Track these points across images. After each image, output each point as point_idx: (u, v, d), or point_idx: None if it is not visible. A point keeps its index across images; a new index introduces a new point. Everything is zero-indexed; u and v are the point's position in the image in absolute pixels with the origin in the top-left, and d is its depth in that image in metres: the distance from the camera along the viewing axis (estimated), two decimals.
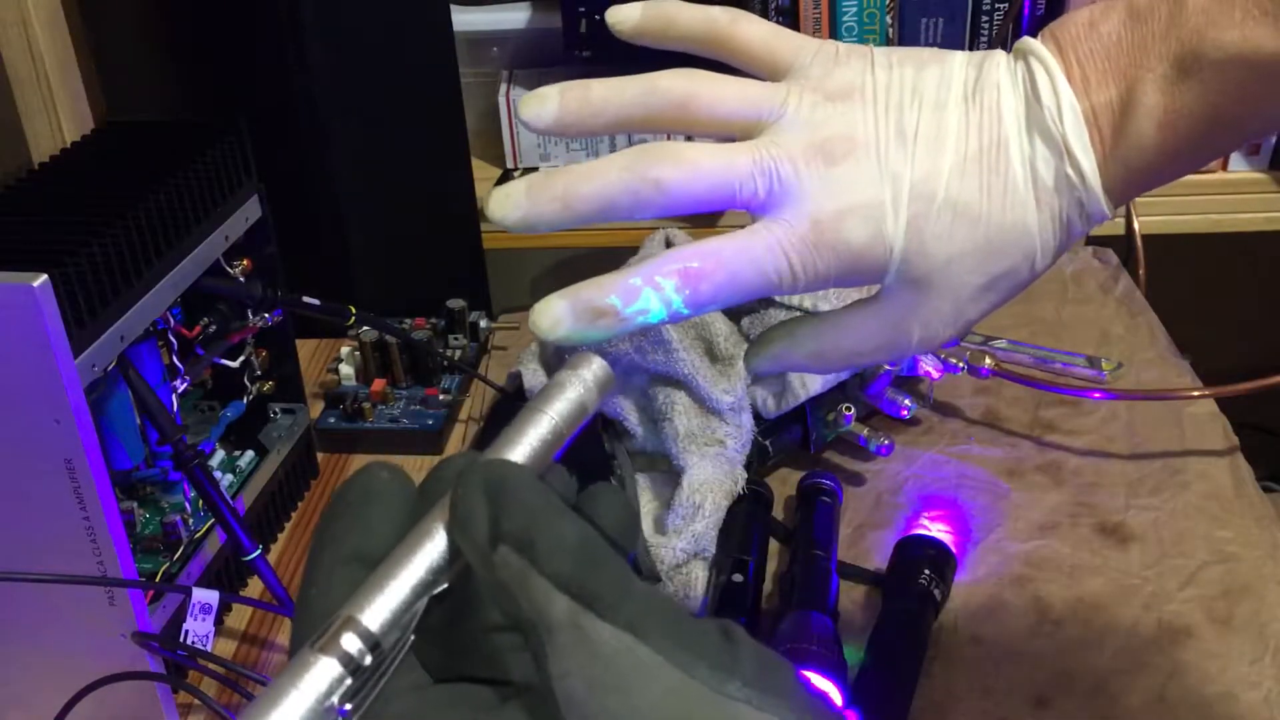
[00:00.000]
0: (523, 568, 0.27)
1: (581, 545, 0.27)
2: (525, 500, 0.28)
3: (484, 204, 0.41)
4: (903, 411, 0.79)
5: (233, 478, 0.74)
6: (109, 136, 0.72)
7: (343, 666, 0.28)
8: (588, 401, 0.32)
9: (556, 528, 0.28)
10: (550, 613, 0.27)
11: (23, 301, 0.51)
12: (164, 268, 0.63)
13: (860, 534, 0.75)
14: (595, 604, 0.27)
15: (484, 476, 0.28)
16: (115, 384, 0.63)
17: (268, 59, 0.93)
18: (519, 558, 0.27)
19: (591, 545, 0.28)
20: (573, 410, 0.32)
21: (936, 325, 0.43)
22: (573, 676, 0.27)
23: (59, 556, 0.57)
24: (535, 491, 0.28)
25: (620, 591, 0.27)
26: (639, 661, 0.26)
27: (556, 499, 0.29)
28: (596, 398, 0.33)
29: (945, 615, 0.68)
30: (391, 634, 0.28)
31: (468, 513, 0.28)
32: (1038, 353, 0.90)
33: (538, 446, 0.31)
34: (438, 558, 0.29)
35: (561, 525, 0.28)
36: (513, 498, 0.28)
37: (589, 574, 0.27)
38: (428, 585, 0.29)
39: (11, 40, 0.83)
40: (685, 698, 0.26)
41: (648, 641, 0.26)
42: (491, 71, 1.16)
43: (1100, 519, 0.75)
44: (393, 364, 0.89)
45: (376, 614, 0.28)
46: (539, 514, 0.28)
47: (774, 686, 0.26)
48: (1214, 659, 0.64)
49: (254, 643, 0.70)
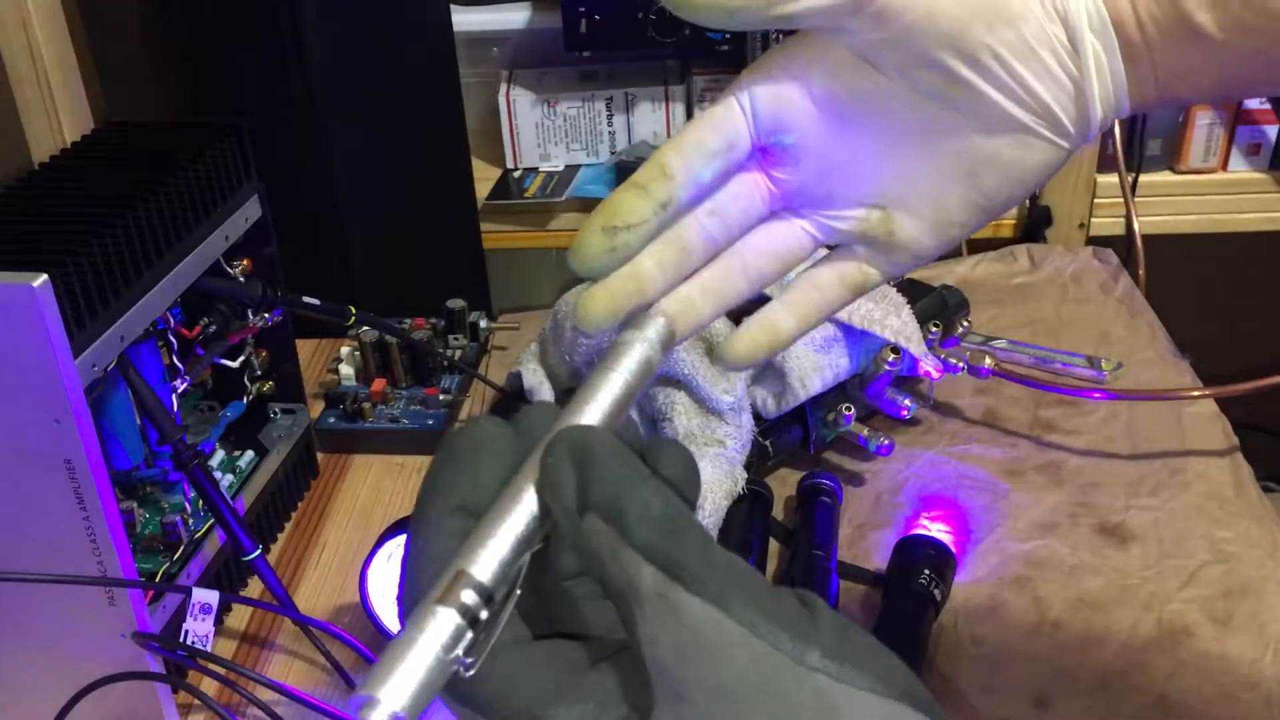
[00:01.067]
0: (611, 537, 0.28)
1: (666, 514, 0.28)
2: (612, 469, 0.29)
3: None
4: (903, 411, 0.79)
5: (233, 478, 0.74)
6: (109, 136, 0.72)
7: (462, 618, 0.28)
8: (654, 358, 0.34)
9: (641, 496, 0.29)
10: (639, 582, 0.28)
11: (23, 301, 0.51)
12: (164, 268, 0.63)
13: (860, 534, 0.75)
14: (681, 575, 0.28)
15: (571, 443, 0.30)
16: (115, 384, 0.63)
17: (268, 59, 0.93)
18: (607, 527, 0.28)
19: (675, 514, 0.29)
20: (641, 368, 0.34)
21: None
22: (661, 644, 0.28)
23: (59, 556, 0.57)
24: (620, 460, 0.29)
25: (705, 563, 0.28)
26: (725, 633, 0.27)
27: (640, 465, 0.30)
28: (661, 355, 0.34)
29: (945, 615, 0.68)
30: (501, 587, 0.29)
31: (557, 480, 0.29)
32: (1038, 353, 0.90)
33: (611, 407, 0.32)
34: (536, 514, 0.30)
35: (646, 493, 0.29)
36: (599, 466, 0.29)
37: (674, 545, 0.28)
38: (529, 540, 0.30)
39: (11, 40, 0.83)
40: (769, 667, 0.27)
41: (731, 613, 0.27)
42: (491, 71, 1.16)
43: (1100, 519, 0.75)
44: (393, 364, 0.89)
45: (487, 567, 0.29)
46: (625, 483, 0.29)
47: (852, 657, 0.27)
48: (1214, 659, 0.64)
49: (254, 643, 0.70)
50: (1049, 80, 0.40)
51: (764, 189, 0.42)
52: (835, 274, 0.44)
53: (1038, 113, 0.40)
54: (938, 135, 0.41)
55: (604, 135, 1.13)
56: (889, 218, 0.42)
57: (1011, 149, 0.41)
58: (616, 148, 1.13)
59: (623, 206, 0.40)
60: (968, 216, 0.42)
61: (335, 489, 0.83)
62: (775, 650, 0.27)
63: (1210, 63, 0.40)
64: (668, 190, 0.40)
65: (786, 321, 0.43)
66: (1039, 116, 0.40)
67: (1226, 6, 0.38)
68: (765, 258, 0.43)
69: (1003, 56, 0.39)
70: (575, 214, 1.09)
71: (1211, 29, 0.39)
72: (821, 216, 0.43)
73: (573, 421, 0.32)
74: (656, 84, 1.12)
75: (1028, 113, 0.40)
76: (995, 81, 0.40)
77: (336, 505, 0.82)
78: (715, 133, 0.41)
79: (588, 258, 0.40)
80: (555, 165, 1.14)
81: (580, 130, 1.13)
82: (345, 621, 0.71)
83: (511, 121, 1.12)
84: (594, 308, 0.40)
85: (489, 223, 1.08)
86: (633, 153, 1.10)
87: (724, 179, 0.42)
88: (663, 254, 0.41)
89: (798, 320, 0.44)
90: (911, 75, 0.40)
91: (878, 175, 0.42)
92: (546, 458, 0.30)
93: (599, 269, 0.40)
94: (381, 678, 0.28)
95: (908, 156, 0.42)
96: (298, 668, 0.69)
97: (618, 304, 0.40)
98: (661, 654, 0.28)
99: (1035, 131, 0.40)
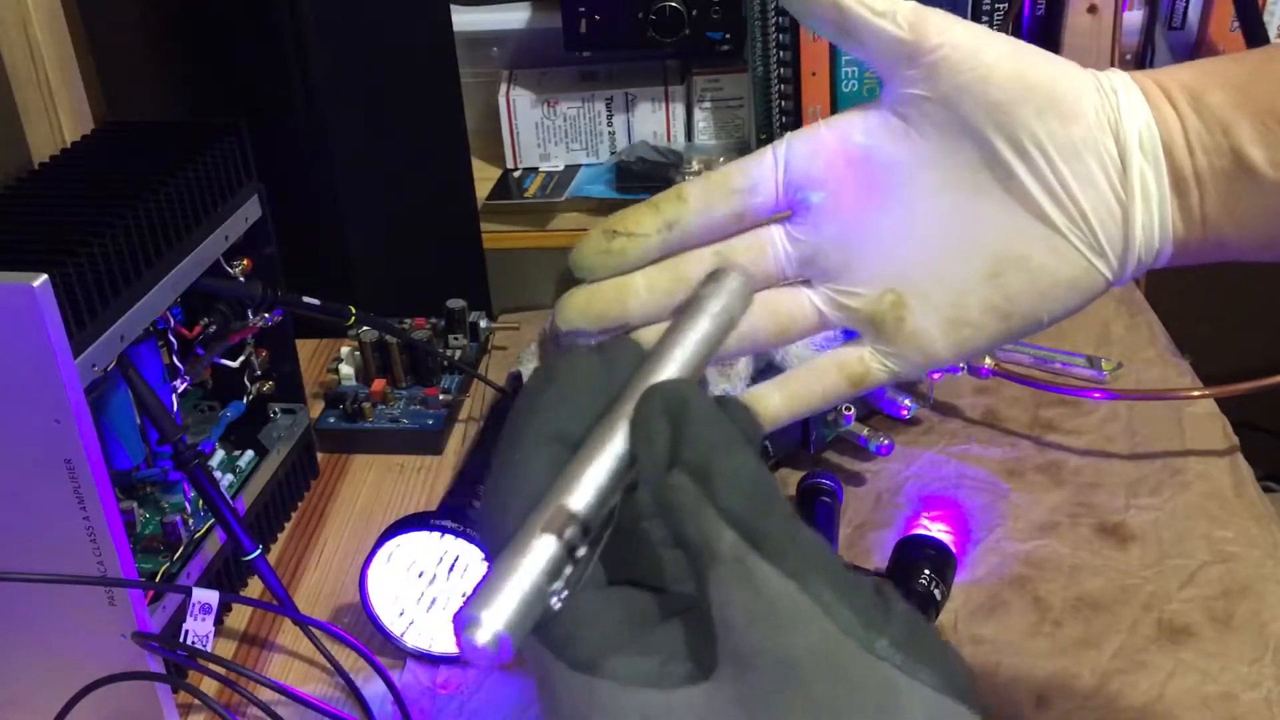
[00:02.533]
0: (697, 496, 0.28)
1: (755, 483, 0.28)
2: (705, 430, 0.29)
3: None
4: (903, 411, 0.79)
5: (233, 478, 0.74)
6: (109, 136, 0.72)
7: (565, 550, 0.28)
8: (735, 312, 0.33)
9: (734, 461, 0.28)
10: (718, 544, 0.28)
11: (23, 301, 0.51)
12: (164, 268, 0.63)
13: (860, 534, 0.75)
14: (763, 544, 0.28)
15: (666, 398, 0.30)
16: (115, 384, 0.63)
17: (268, 59, 0.93)
18: (695, 486, 0.28)
19: (764, 484, 0.29)
20: (724, 318, 0.33)
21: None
22: (733, 607, 0.28)
23: (59, 556, 0.57)
24: (714, 422, 0.29)
25: (788, 537, 0.28)
26: (799, 607, 0.27)
27: (734, 429, 0.29)
28: (742, 309, 0.33)
29: (945, 615, 0.68)
30: (596, 523, 0.29)
31: (650, 434, 0.29)
32: (1038, 353, 0.90)
33: (696, 357, 0.32)
34: (626, 454, 0.30)
35: (739, 459, 0.29)
36: (694, 426, 0.29)
37: (761, 515, 0.28)
38: (623, 480, 0.30)
39: (11, 40, 0.83)
40: (838, 648, 0.27)
41: (808, 590, 0.27)
42: (491, 71, 1.16)
43: (1100, 519, 0.75)
44: (393, 364, 0.89)
45: (585, 501, 0.29)
46: (718, 446, 0.29)
47: (920, 650, 0.28)
48: (1214, 659, 0.64)
49: (254, 643, 0.70)
50: (1090, 188, 0.38)
51: (780, 248, 0.41)
52: (835, 360, 0.42)
53: (1074, 219, 0.38)
54: (966, 222, 0.39)
55: (604, 135, 1.13)
56: (901, 303, 0.40)
57: (1041, 254, 0.39)
58: (616, 148, 1.13)
59: (629, 216, 0.40)
60: (985, 320, 0.40)
61: (335, 489, 0.83)
62: (846, 633, 0.27)
63: (1260, 204, 0.38)
64: (678, 212, 0.40)
65: (774, 401, 0.42)
66: (1074, 224, 0.38)
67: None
68: (762, 316, 0.42)
69: (1045, 148, 0.38)
70: (575, 214, 1.09)
71: (1263, 166, 0.37)
72: (832, 289, 0.41)
73: (660, 366, 0.32)
74: (656, 84, 1.12)
75: (1064, 216, 0.38)
76: (1035, 171, 0.38)
77: (336, 505, 0.82)
78: (741, 173, 0.41)
79: (583, 254, 0.40)
80: (555, 165, 1.14)
81: (580, 130, 1.13)
82: (345, 621, 0.71)
83: (511, 121, 1.12)
84: (573, 304, 0.41)
85: (489, 223, 1.08)
86: (633, 153, 1.10)
87: (740, 223, 0.41)
88: (655, 276, 0.41)
89: (788, 404, 0.43)
90: (951, 147, 0.39)
91: (898, 255, 0.40)
92: (642, 407, 0.30)
93: (590, 268, 0.40)
94: (487, 599, 0.27)
95: (932, 240, 0.40)
96: (298, 668, 0.69)
97: (595, 307, 0.40)
98: (732, 617, 0.28)
99: (1069, 240, 0.38)
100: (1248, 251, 0.39)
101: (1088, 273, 0.39)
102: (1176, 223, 0.39)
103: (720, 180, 0.41)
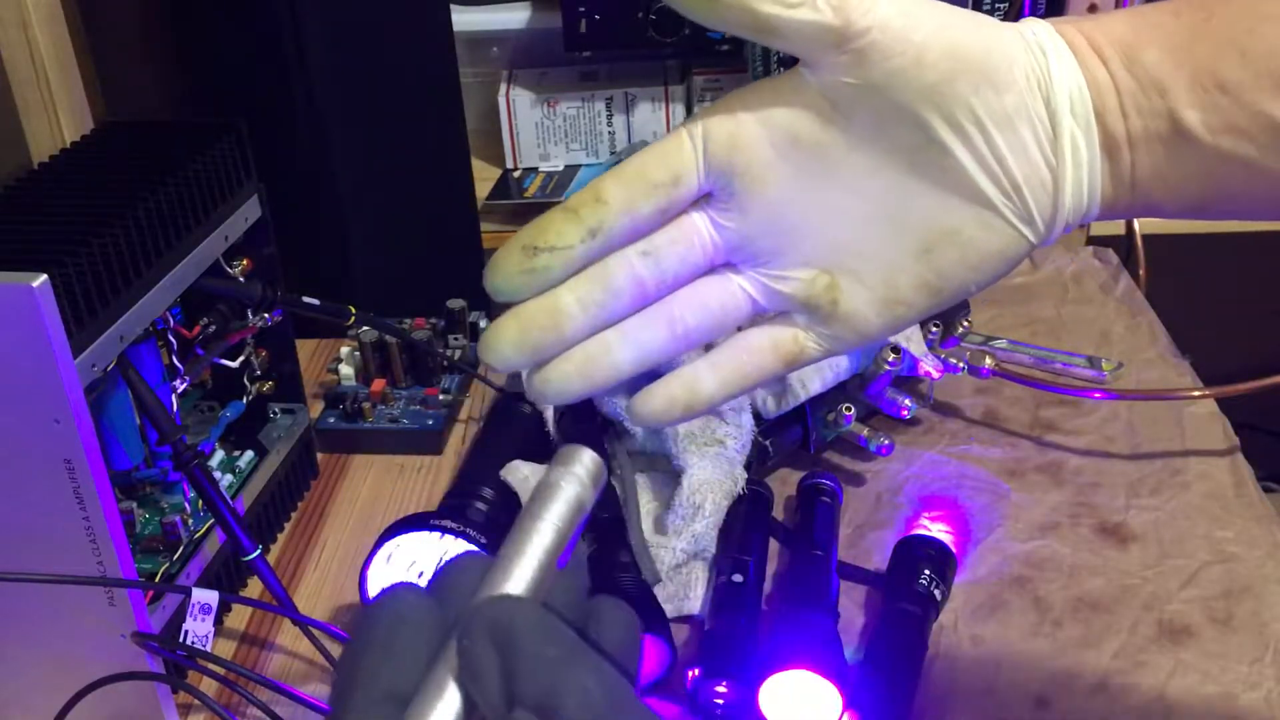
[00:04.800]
0: None
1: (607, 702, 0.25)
2: (539, 652, 0.26)
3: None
4: (903, 411, 0.79)
5: (232, 478, 0.74)
6: (109, 136, 0.72)
7: None
8: (585, 499, 0.30)
9: (578, 681, 0.25)
10: None
11: (22, 301, 0.51)
12: (164, 268, 0.63)
13: (860, 534, 0.75)
14: None
15: (490, 623, 0.26)
16: (115, 384, 0.63)
17: (268, 59, 0.93)
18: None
19: (617, 698, 0.25)
20: (572, 511, 0.30)
21: None
22: None
23: (59, 556, 0.57)
24: (548, 638, 0.26)
25: None
26: None
27: (572, 641, 0.26)
28: (593, 493, 0.30)
29: (945, 615, 0.68)
30: None
31: (477, 671, 0.26)
32: (1038, 353, 0.90)
33: (542, 560, 0.29)
34: (459, 708, 0.27)
35: (583, 678, 0.25)
36: (524, 649, 0.26)
37: None
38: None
39: (11, 40, 0.83)
40: None
41: None
42: (491, 71, 1.16)
43: (1100, 519, 0.75)
44: (393, 364, 0.89)
45: None
46: (557, 669, 0.25)
47: None
48: (1214, 659, 0.64)
49: (254, 643, 0.70)
50: (1023, 158, 0.37)
51: (706, 237, 0.39)
52: (769, 339, 0.41)
53: (1007, 191, 0.37)
54: (898, 202, 0.38)
55: (604, 135, 1.13)
56: (834, 285, 0.39)
57: (973, 228, 0.38)
58: (616, 148, 1.13)
59: (549, 228, 0.37)
60: (917, 297, 0.39)
61: (335, 489, 0.83)
62: None
63: (1192, 168, 0.37)
64: (599, 216, 0.37)
65: (709, 382, 0.41)
66: (1007, 196, 0.38)
67: (1217, 106, 0.36)
68: (695, 311, 0.40)
69: (983, 122, 0.37)
70: None
71: (1199, 129, 0.36)
72: (763, 275, 0.40)
73: (498, 585, 0.28)
74: (656, 84, 1.12)
75: (997, 190, 0.37)
76: (971, 148, 0.37)
77: (336, 505, 0.82)
78: (660, 164, 0.38)
79: (502, 276, 0.37)
80: (555, 165, 1.14)
81: (580, 130, 1.13)
82: (345, 621, 0.71)
83: (511, 121, 1.12)
84: (502, 338, 0.37)
85: (489, 223, 1.08)
86: (632, 152, 1.10)
87: (663, 217, 0.39)
88: (585, 291, 0.38)
89: (721, 383, 0.41)
90: (884, 130, 0.37)
91: (829, 237, 0.39)
92: (463, 639, 0.26)
93: (512, 291, 0.37)
94: None
95: (863, 221, 0.39)
96: (298, 668, 0.69)
97: (528, 338, 0.37)
98: None
99: (1000, 213, 0.38)
100: (1178, 212, 0.39)
101: (1016, 241, 0.38)
102: (1105, 185, 0.38)
103: (639, 175, 0.38)
